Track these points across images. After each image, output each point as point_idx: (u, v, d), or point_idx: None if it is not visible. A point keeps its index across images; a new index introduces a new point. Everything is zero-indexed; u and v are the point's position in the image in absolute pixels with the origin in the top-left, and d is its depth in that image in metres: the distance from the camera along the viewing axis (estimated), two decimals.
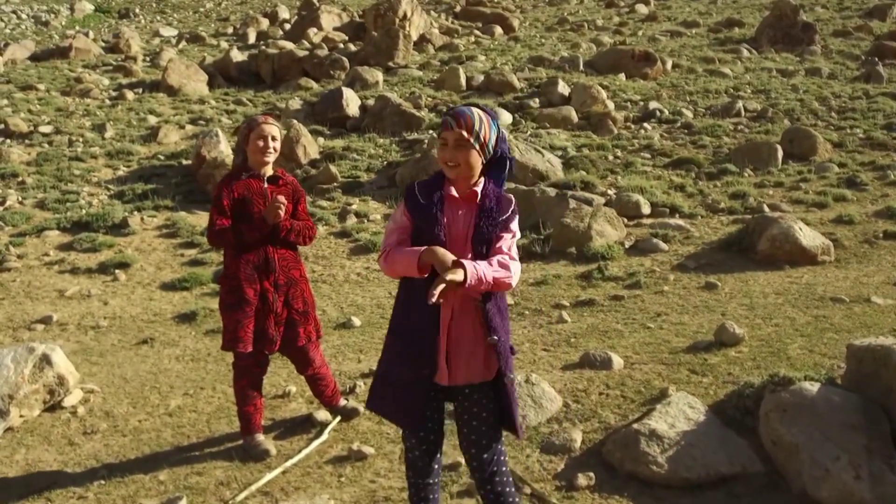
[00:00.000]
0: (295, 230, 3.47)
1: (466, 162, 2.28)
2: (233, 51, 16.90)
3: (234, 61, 16.32)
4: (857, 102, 14.16)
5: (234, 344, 3.32)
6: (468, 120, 2.26)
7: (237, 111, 13.73)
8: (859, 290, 5.38)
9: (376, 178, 10.14)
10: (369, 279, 6.66)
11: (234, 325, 3.32)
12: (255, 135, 3.39)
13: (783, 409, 3.02)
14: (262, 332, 3.38)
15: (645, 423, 3.16)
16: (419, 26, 20.00)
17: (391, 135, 11.96)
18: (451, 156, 2.28)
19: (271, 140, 3.41)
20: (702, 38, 22.32)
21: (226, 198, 3.36)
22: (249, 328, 3.34)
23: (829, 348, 4.20)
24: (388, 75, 15.90)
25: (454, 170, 2.30)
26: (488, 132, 2.29)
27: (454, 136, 2.26)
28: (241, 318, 3.32)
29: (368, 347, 4.96)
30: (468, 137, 2.25)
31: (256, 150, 3.40)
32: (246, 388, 3.45)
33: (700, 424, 3.16)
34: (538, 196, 8.24)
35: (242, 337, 3.32)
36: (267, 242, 3.40)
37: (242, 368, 3.44)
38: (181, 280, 6.66)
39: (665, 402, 3.30)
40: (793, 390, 3.07)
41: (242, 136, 3.47)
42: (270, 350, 3.42)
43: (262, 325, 3.37)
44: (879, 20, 24.22)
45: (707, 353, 4.25)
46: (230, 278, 3.37)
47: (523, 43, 20.52)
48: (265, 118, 3.47)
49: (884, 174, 9.25)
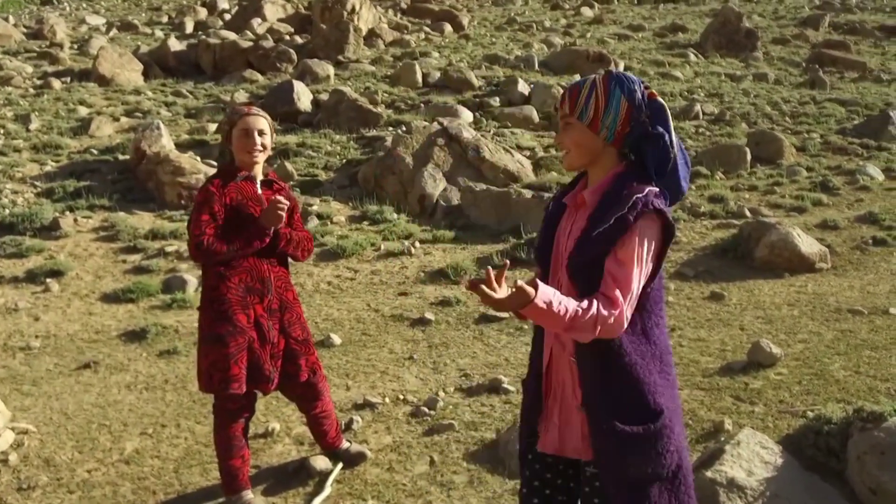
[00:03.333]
0: (294, 241, 2.85)
1: (575, 144, 1.75)
2: (170, 40, 15.78)
3: (172, 51, 15.22)
4: (807, 107, 14.36)
5: (226, 385, 2.65)
6: (573, 93, 1.75)
7: (177, 103, 12.72)
8: (872, 301, 5.12)
9: (336, 177, 9.45)
10: (342, 289, 6.02)
11: (225, 361, 2.66)
12: (239, 130, 2.75)
13: (881, 451, 2.61)
14: (256, 368, 2.73)
15: (719, 471, 2.69)
16: (368, 21, 19.30)
17: (348, 131, 11.27)
18: (559, 140, 1.79)
19: (258, 134, 2.77)
20: (649, 41, 22.48)
21: (216, 201, 2.70)
22: (243, 364, 2.68)
23: (874, 369, 3.87)
24: (339, 69, 15.18)
25: (566, 158, 1.80)
26: (603, 102, 1.70)
27: (560, 117, 1.79)
28: (234, 352, 2.66)
29: (356, 371, 4.34)
30: (569, 113, 1.75)
31: (242, 147, 2.76)
32: (232, 437, 2.79)
33: (780, 469, 2.72)
34: (514, 198, 7.78)
35: (237, 375, 2.66)
36: (261, 258, 2.76)
37: (230, 413, 2.78)
38: (125, 290, 5.83)
39: (734, 443, 2.84)
40: (887, 428, 2.66)
41: (224, 133, 2.82)
42: (266, 389, 2.78)
43: (256, 359, 2.72)
44: (813, 29, 25.04)
45: (745, 376, 3.85)
46: (217, 301, 2.70)
47: (475, 41, 20.11)
48: (248, 108, 2.83)
49: (853, 178, 9.22)
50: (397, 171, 8.75)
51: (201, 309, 2.78)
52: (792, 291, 5.49)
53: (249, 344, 2.71)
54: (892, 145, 11.28)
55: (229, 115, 2.81)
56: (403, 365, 4.39)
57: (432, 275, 6.17)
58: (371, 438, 3.43)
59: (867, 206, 8.15)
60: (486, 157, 8.79)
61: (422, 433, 3.46)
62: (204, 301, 2.77)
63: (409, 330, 4.98)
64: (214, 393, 2.74)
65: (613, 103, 1.70)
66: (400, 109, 12.44)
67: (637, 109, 1.70)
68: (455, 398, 3.84)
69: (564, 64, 16.35)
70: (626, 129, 1.72)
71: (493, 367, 4.28)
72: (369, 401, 3.81)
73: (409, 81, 14.03)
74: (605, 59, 16.71)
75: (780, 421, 3.29)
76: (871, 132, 11.90)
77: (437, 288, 5.87)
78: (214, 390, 2.72)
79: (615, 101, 1.70)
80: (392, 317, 5.25)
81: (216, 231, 2.67)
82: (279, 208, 2.67)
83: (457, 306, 5.35)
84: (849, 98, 15.19)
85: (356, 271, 6.39)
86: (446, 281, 6.00)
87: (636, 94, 1.71)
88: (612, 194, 1.69)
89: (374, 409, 3.75)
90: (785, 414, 3.36)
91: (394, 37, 18.85)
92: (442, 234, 7.20)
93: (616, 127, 1.71)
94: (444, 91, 13.51)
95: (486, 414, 3.61)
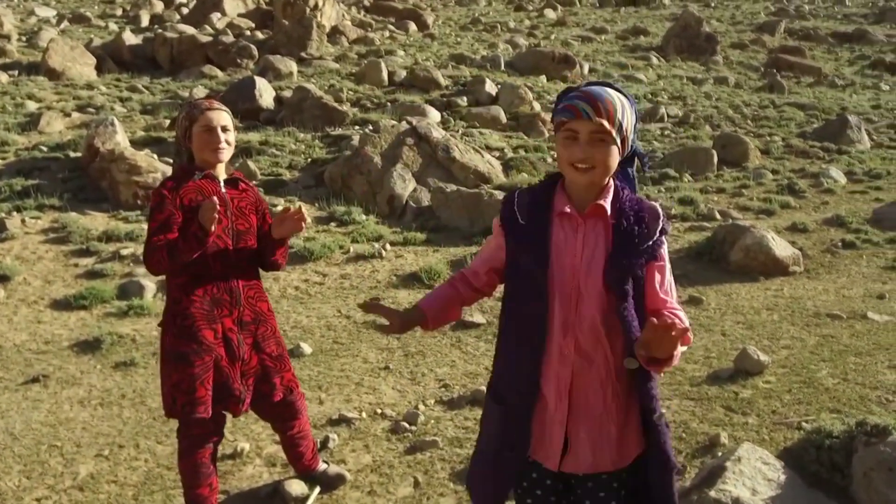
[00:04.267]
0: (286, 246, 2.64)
1: (605, 163, 1.64)
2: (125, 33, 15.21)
3: (127, 44, 14.66)
4: (767, 111, 14.59)
5: (191, 409, 2.40)
6: (609, 105, 1.62)
7: (132, 98, 12.23)
8: (849, 305, 5.11)
9: (301, 177, 9.16)
10: (310, 294, 5.76)
11: (190, 383, 2.40)
12: (201, 126, 2.47)
13: (888, 467, 2.51)
14: (224, 388, 2.47)
15: (723, 490, 2.55)
16: (331, 17, 18.96)
17: (313, 129, 10.98)
18: (585, 154, 1.62)
19: (221, 131, 2.51)
20: (612, 44, 22.66)
21: (169, 206, 2.42)
22: (210, 384, 2.43)
23: (861, 376, 3.81)
24: (302, 66, 14.84)
25: (587, 174, 1.65)
26: (631, 120, 1.67)
27: (590, 128, 1.61)
28: (200, 373, 2.41)
29: (328, 383, 4.10)
30: (610, 129, 1.61)
31: (204, 145, 2.48)
32: (199, 463, 2.53)
33: (783, 487, 2.60)
34: (486, 200, 7.63)
35: (202, 398, 2.40)
36: (229, 267, 2.51)
37: (196, 438, 2.52)
38: (77, 297, 5.47)
39: (735, 459, 2.71)
40: (893, 443, 2.57)
41: (182, 130, 2.52)
42: (237, 411, 2.53)
43: (224, 378, 2.48)
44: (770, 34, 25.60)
45: (734, 385, 3.74)
46: (180, 317, 2.45)
47: (440, 41, 19.94)
48: (209, 103, 2.54)
49: (817, 181, 9.34)
50: (365, 171, 8.51)
51: (164, 325, 2.51)
52: (769, 295, 5.46)
53: (217, 362, 2.46)
54: (851, 149, 11.50)
55: (188, 110, 2.52)
56: (379, 375, 4.17)
57: (405, 279, 5.96)
58: (349, 458, 3.21)
59: (833, 208, 8.24)
60: (457, 157, 8.61)
61: (403, 451, 3.25)
62: (166, 317, 2.51)
63: (383, 337, 4.76)
64: (178, 418, 2.49)
65: (636, 122, 1.71)
66: (366, 108, 12.18)
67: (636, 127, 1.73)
68: (436, 412, 3.65)
69: (530, 65, 16.30)
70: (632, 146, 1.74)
71: (474, 376, 4.10)
72: (345, 416, 3.59)
73: (374, 79, 13.79)
74: (571, 60, 16.72)
75: (776, 433, 3.19)
76: (831, 136, 12.12)
77: (410, 293, 5.67)
78: (178, 415, 2.46)
79: (635, 120, 1.70)
80: (365, 323, 5.02)
81: (166, 239, 2.39)
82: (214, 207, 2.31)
83: None
84: (807, 102, 15.50)
85: (325, 275, 6.14)
86: (420, 285, 5.80)
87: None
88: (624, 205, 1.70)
89: (350, 424, 3.53)
90: (779, 425, 3.26)
91: (357, 34, 18.55)
92: (413, 237, 6.99)
93: (630, 146, 1.72)
94: (410, 90, 13.30)
95: (471, 429, 3.42)
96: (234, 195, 2.58)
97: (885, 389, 3.62)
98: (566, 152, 1.65)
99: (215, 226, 2.35)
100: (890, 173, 9.89)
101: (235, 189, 2.61)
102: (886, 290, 5.47)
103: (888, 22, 27.38)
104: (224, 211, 2.50)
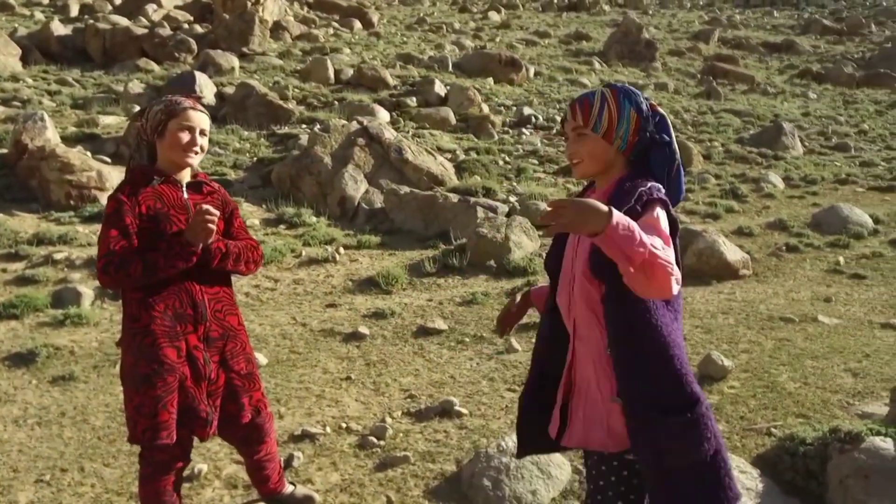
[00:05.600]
0: (233, 254, 2.37)
1: (590, 155, 1.81)
2: (54, 23, 14.41)
3: (55, 35, 13.89)
4: (706, 117, 15.03)
5: (154, 434, 2.19)
6: (585, 105, 1.81)
7: (61, 92, 11.59)
8: (799, 309, 5.24)
9: (247, 177, 8.85)
10: (262, 300, 5.53)
11: (153, 406, 2.20)
12: (178, 124, 2.27)
13: (864, 474, 2.53)
14: (190, 411, 2.28)
15: None
16: (273, 12, 18.50)
17: (258, 127, 10.66)
18: (570, 150, 1.86)
19: (199, 134, 2.32)
20: (555, 48, 22.95)
21: (128, 213, 2.22)
22: (174, 408, 2.24)
23: (821, 380, 3.88)
24: (244, 62, 14.42)
25: (578, 168, 1.85)
26: (615, 114, 1.79)
27: (571, 127, 1.84)
28: (163, 395, 2.21)
29: (287, 395, 3.91)
30: (582, 124, 1.81)
31: (177, 145, 2.28)
32: (162, 491, 2.33)
33: (762, 495, 2.60)
34: (441, 202, 7.53)
35: (166, 422, 2.20)
36: (192, 278, 2.31)
37: (160, 464, 2.31)
38: (7, 305, 5.07)
39: None
40: (867, 450, 2.60)
41: (155, 124, 2.30)
42: (204, 435, 2.33)
43: (189, 400, 2.29)
44: (705, 43, 26.47)
45: None
46: (140, 335, 2.24)
47: (386, 40, 19.75)
48: (192, 102, 2.34)
49: (758, 186, 9.65)
50: (315, 172, 8.28)
51: (122, 344, 2.30)
52: (723, 299, 5.55)
53: (181, 382, 2.26)
54: (786, 155, 11.96)
55: (168, 104, 2.30)
56: (341, 386, 4.01)
57: (361, 284, 5.80)
58: (316, 477, 3.05)
59: (774, 212, 8.52)
60: (409, 158, 8.48)
61: (373, 468, 3.11)
62: (125, 335, 2.30)
63: (343, 346, 4.60)
64: (141, 444, 2.28)
65: (625, 114, 1.79)
66: (313, 106, 11.91)
67: (645, 120, 1.81)
68: (404, 424, 3.52)
69: (478, 66, 16.30)
70: (636, 138, 1.82)
71: (440, 385, 3.99)
72: (308, 431, 3.42)
73: (320, 77, 13.52)
74: (517, 63, 16.82)
75: (747, 439, 3.20)
76: (767, 142, 12.58)
77: (368, 298, 5.51)
78: (140, 441, 2.25)
79: (626, 112, 1.80)
80: (322, 331, 4.84)
81: (128, 249, 2.20)
82: (208, 220, 2.19)
83: (392, 318, 5.02)
84: (742, 109, 16.06)
85: (276, 280, 5.91)
86: (377, 290, 5.65)
87: (642, 105, 1.82)
88: (617, 193, 1.75)
89: (314, 440, 3.36)
90: (749, 431, 3.27)
91: (301, 30, 18.17)
92: (367, 240, 6.83)
93: (628, 136, 1.81)
94: (358, 89, 13.09)
95: (442, 442, 3.31)
96: (197, 201, 2.38)
97: (845, 393, 3.70)
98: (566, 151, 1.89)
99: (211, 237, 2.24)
100: (824, 179, 10.31)
101: (199, 194, 2.41)
102: (832, 294, 5.65)
103: (812, 33, 28.74)
104: (185, 219, 2.31)
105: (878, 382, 3.87)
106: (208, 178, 2.54)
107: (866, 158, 11.98)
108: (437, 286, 5.82)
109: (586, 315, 1.77)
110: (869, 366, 4.12)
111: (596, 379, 1.79)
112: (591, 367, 1.80)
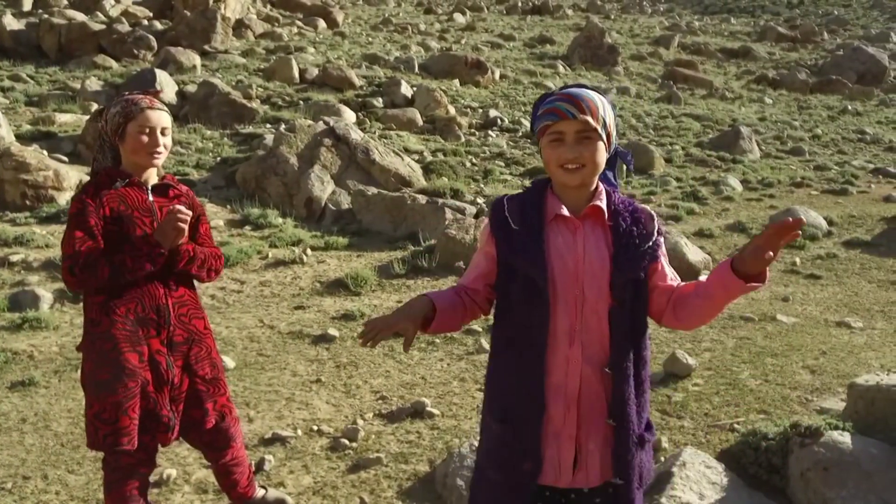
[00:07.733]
0: (199, 259, 2.34)
1: (593, 160, 1.63)
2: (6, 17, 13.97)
3: (8, 29, 13.48)
4: (667, 121, 15.33)
5: (116, 439, 2.16)
6: (590, 103, 1.64)
7: (15, 89, 11.27)
8: (759, 308, 5.40)
9: (211, 177, 8.72)
10: (228, 303, 5.46)
11: (113, 412, 2.16)
12: (138, 126, 2.23)
13: (823, 467, 2.63)
14: (152, 416, 2.24)
15: (673, 496, 2.59)
16: (236, 10, 18.26)
17: (221, 126, 10.52)
18: (573, 153, 1.62)
19: (160, 134, 2.29)
20: (520, 51, 23.14)
21: (92, 214, 2.18)
22: (135, 413, 2.20)
23: (780, 377, 4.01)
24: (206, 59, 14.21)
25: (577, 174, 1.63)
26: (612, 118, 1.69)
27: (576, 127, 1.62)
28: (124, 401, 2.17)
29: (256, 399, 3.87)
30: (595, 125, 1.62)
31: (139, 147, 2.24)
32: (127, 497, 2.28)
33: (727, 490, 2.67)
34: (409, 204, 7.54)
35: (127, 428, 2.17)
36: (155, 281, 2.27)
37: (123, 470, 2.27)
38: None
39: (680, 464, 2.77)
40: (826, 444, 2.70)
41: (114, 127, 2.26)
42: (165, 440, 2.29)
43: (151, 405, 2.24)
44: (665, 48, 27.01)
45: (666, 388, 3.84)
46: (100, 340, 2.20)
47: (351, 39, 19.67)
48: (150, 100, 2.29)
49: (717, 189, 9.89)
50: (281, 172, 8.21)
51: (82, 349, 2.25)
52: None
53: (143, 388, 2.22)
54: (744, 158, 12.28)
55: (125, 106, 2.26)
56: (311, 389, 3.98)
57: (329, 285, 5.77)
58: (288, 480, 3.03)
59: (733, 214, 8.74)
60: (377, 159, 8.47)
61: (346, 470, 3.10)
62: (85, 340, 2.25)
63: (312, 348, 4.57)
64: (102, 450, 2.23)
65: (616, 121, 1.72)
66: (277, 106, 11.79)
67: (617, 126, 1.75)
68: (376, 426, 3.52)
69: (444, 68, 16.35)
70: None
71: (411, 387, 3.99)
72: (279, 434, 3.39)
73: (284, 76, 13.39)
74: (483, 66, 16.91)
75: (712, 435, 3.29)
76: (726, 146, 12.90)
77: (336, 300, 5.48)
78: (101, 447, 2.21)
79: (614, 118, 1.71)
80: (290, 334, 4.80)
81: (94, 250, 2.16)
82: (179, 220, 2.18)
83: (361, 320, 5.00)
84: (702, 113, 16.42)
85: (243, 282, 5.84)
86: (346, 292, 5.63)
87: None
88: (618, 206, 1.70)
89: (285, 444, 3.34)
90: (714, 428, 3.37)
91: (264, 28, 17.98)
92: (335, 241, 6.79)
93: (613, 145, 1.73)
94: (323, 89, 13.01)
95: (415, 443, 3.32)
96: (162, 204, 2.34)
97: (804, 389, 3.83)
98: (554, 154, 1.64)
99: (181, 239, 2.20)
100: (781, 182, 10.62)
101: (164, 197, 2.37)
102: (789, 293, 5.83)
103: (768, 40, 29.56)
104: (150, 221, 2.27)
105: (835, 379, 4.01)
106: (176, 180, 2.50)
107: (820, 162, 12.38)
108: (407, 287, 5.82)
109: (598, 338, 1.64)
110: (826, 363, 4.27)
111: (607, 405, 1.66)
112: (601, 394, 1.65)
